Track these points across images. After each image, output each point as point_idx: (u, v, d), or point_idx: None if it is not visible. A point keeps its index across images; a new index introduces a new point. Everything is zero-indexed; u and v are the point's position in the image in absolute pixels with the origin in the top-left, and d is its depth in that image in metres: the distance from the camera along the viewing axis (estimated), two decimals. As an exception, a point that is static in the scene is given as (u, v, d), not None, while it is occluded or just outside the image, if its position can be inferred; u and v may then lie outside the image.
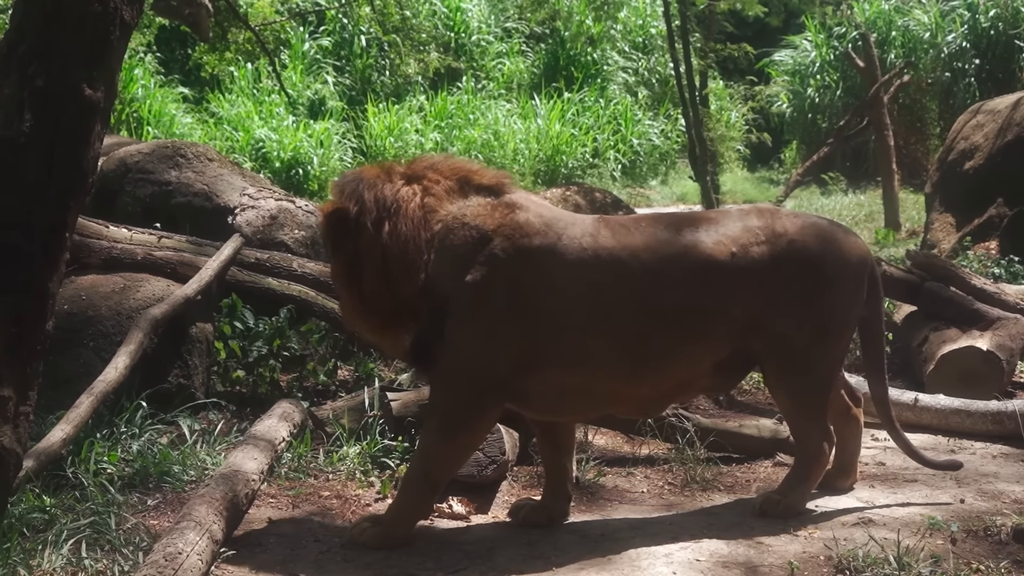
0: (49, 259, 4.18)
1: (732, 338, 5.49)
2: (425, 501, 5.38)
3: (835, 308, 5.61)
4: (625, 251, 5.36)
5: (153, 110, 21.11)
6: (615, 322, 5.33)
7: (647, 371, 5.42)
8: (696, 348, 5.48)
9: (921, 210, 15.49)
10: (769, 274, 5.47)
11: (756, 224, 5.57)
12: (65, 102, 4.09)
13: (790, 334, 5.50)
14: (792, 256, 5.51)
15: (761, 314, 5.48)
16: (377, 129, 21.88)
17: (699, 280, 5.41)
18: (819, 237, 5.61)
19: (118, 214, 8.78)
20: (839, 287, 5.62)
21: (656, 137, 23.97)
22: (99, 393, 6.09)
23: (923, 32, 23.21)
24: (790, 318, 5.50)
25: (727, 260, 5.43)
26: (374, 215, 5.34)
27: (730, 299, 5.44)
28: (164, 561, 4.51)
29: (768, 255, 5.49)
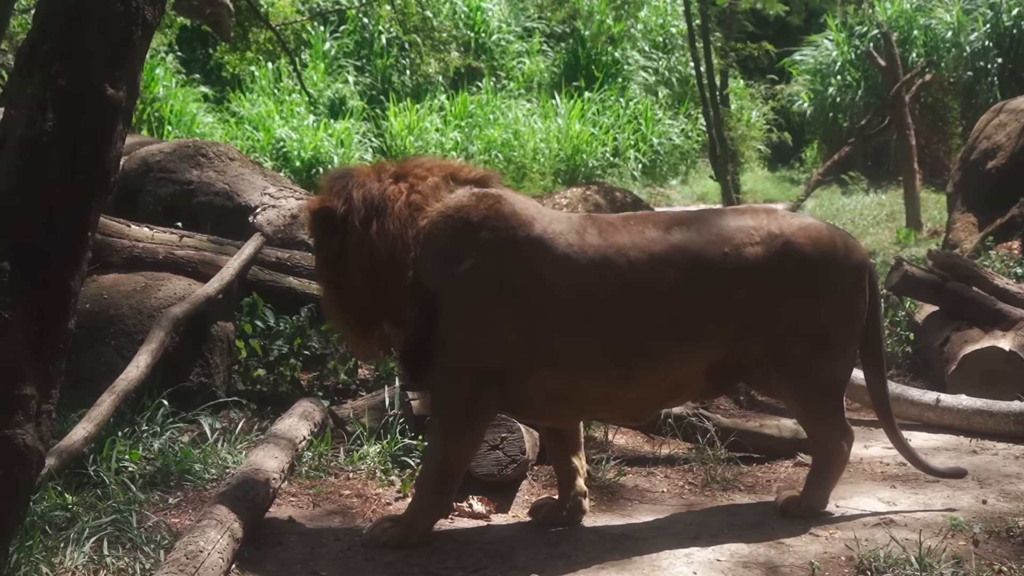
0: (71, 258, 4.19)
1: (726, 341, 5.42)
2: (440, 499, 5.37)
3: (835, 311, 5.51)
4: (611, 249, 5.30)
5: (174, 109, 21.15)
6: (602, 322, 5.27)
7: (636, 374, 5.36)
8: (687, 351, 5.41)
9: (943, 210, 15.43)
10: (764, 275, 5.38)
11: (751, 224, 5.48)
12: (87, 101, 4.11)
13: (788, 337, 5.42)
14: (788, 257, 5.41)
15: (756, 317, 5.39)
16: (397, 128, 21.88)
17: (689, 280, 5.33)
18: (815, 239, 5.49)
19: (140, 213, 8.80)
20: (838, 289, 5.52)
21: (676, 136, 23.93)
22: (121, 392, 6.11)
23: (945, 31, 23.11)
24: (787, 321, 5.41)
25: (719, 260, 5.36)
26: (362, 214, 5.36)
27: (722, 300, 5.37)
28: (185, 559, 4.53)
29: (763, 256, 5.39)
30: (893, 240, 15.39)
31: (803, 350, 5.45)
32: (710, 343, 5.41)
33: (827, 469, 5.65)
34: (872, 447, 6.75)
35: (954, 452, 6.66)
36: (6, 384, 4.07)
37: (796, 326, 5.43)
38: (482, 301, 5.23)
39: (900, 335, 8.68)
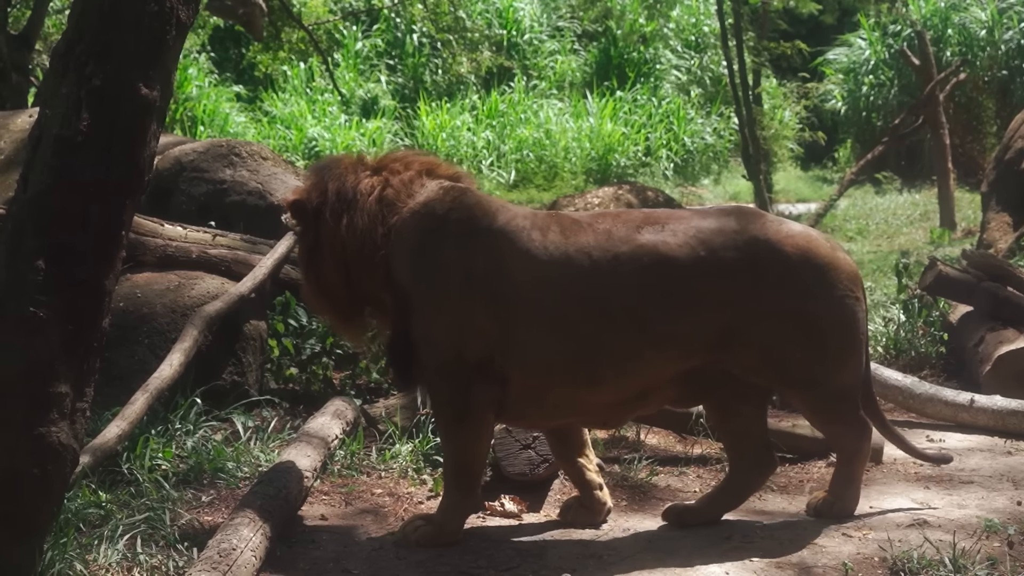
0: (105, 257, 4.22)
1: (705, 348, 5.20)
2: (463, 497, 5.35)
3: (830, 319, 5.25)
4: (573, 247, 5.18)
5: (207, 109, 21.26)
6: (564, 321, 5.16)
7: (602, 376, 5.21)
8: (655, 355, 5.20)
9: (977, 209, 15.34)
10: (747, 281, 5.16)
11: (733, 227, 5.25)
12: (122, 101, 4.13)
13: (785, 346, 5.23)
14: (773, 263, 5.20)
15: (742, 324, 5.17)
16: (429, 128, 21.92)
17: (658, 282, 5.15)
18: (802, 246, 5.26)
19: (173, 212, 8.82)
20: (830, 297, 5.25)
21: (709, 136, 23.87)
22: (154, 390, 6.14)
23: (980, 29, 22.98)
24: (780, 330, 5.21)
25: (693, 262, 5.16)
26: (334, 207, 5.38)
27: (696, 305, 5.17)
28: (218, 557, 4.54)
29: (744, 261, 5.18)
30: (927, 240, 15.32)
31: (803, 359, 5.26)
32: (684, 348, 5.20)
33: (851, 468, 5.57)
34: (906, 448, 6.71)
35: (988, 453, 6.62)
36: (41, 382, 4.10)
37: (790, 335, 5.22)
38: (451, 294, 5.21)
39: (934, 335, 8.64)
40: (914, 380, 7.48)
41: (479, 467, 5.46)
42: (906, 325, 8.87)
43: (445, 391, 5.29)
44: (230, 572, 4.47)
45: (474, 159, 21.80)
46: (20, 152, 8.19)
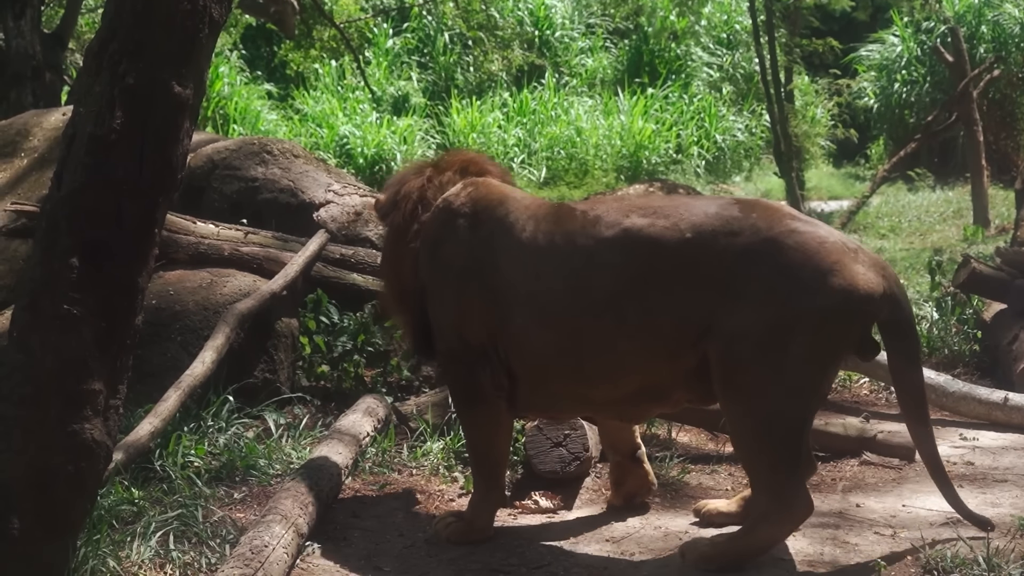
0: (138, 254, 4.24)
1: (689, 342, 4.86)
2: (490, 487, 5.39)
3: (802, 339, 4.71)
4: (559, 234, 5.13)
5: (239, 107, 21.32)
6: (548, 310, 5.10)
7: (591, 370, 5.11)
8: (636, 347, 4.97)
9: (1011, 206, 15.26)
10: (732, 272, 4.79)
11: (735, 214, 4.90)
12: (155, 99, 4.14)
13: (741, 342, 4.75)
14: (765, 259, 4.77)
15: (716, 315, 4.80)
16: (460, 125, 21.92)
17: (639, 268, 4.93)
18: (804, 248, 4.76)
19: (205, 210, 8.86)
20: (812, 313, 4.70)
21: (740, 133, 23.79)
22: (186, 387, 6.17)
23: (1014, 26, 22.82)
24: (745, 325, 4.74)
25: (677, 247, 4.87)
26: (387, 208, 5.70)
27: (679, 294, 4.88)
28: (250, 554, 4.56)
29: (736, 250, 4.81)
30: (960, 237, 15.24)
31: (759, 364, 4.76)
32: (665, 341, 4.91)
33: (752, 528, 4.92)
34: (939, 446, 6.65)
35: (1022, 451, 6.58)
36: (74, 379, 4.12)
37: (757, 335, 4.74)
38: (452, 284, 5.36)
39: (967, 333, 8.60)
40: (947, 378, 7.45)
41: (498, 456, 5.47)
42: (939, 323, 8.83)
43: (452, 382, 5.57)
44: (262, 569, 4.48)
45: (505, 157, 21.77)
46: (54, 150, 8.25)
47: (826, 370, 4.90)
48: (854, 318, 4.80)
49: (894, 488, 5.98)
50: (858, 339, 4.91)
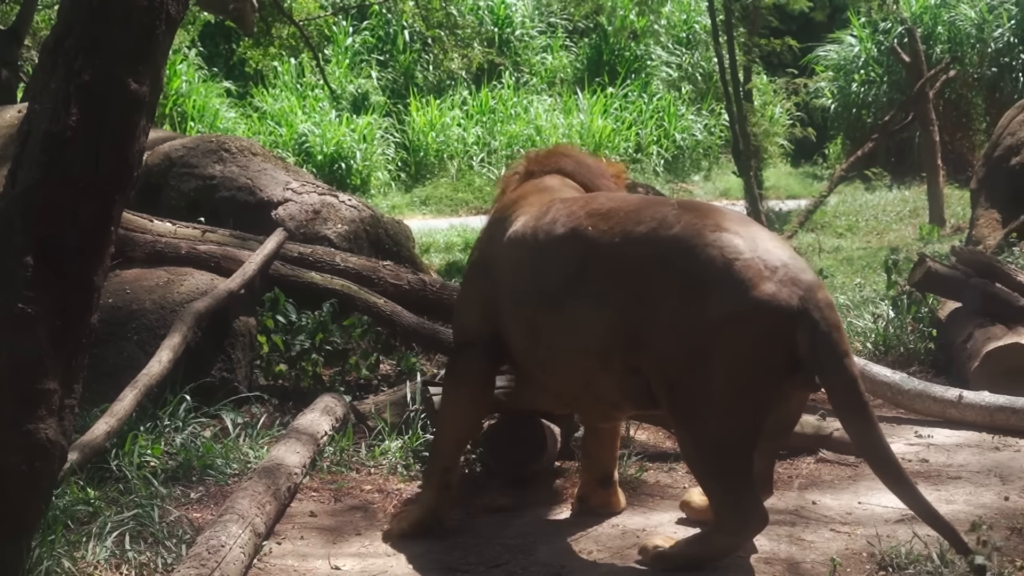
0: (94, 252, 4.21)
1: (619, 346, 4.82)
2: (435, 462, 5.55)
3: (723, 351, 4.58)
4: (531, 229, 5.29)
5: (197, 105, 21.23)
6: (519, 306, 5.27)
7: (548, 364, 5.20)
8: (572, 345, 5.00)
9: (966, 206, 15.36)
10: (652, 279, 4.75)
11: (668, 219, 4.81)
12: (111, 96, 4.12)
13: (669, 362, 4.69)
14: (684, 265, 4.69)
15: (641, 326, 4.74)
16: (420, 124, 21.90)
17: (578, 266, 4.97)
18: (718, 263, 4.62)
19: (162, 208, 8.83)
20: (732, 325, 4.56)
21: (699, 132, 23.85)
22: (143, 386, 6.14)
23: (969, 27, 23.00)
24: (668, 345, 4.67)
25: (609, 249, 4.89)
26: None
27: (603, 295, 4.87)
28: (207, 554, 4.54)
29: (656, 256, 4.76)
30: (916, 236, 15.34)
31: (688, 386, 4.67)
32: (596, 343, 4.89)
33: (708, 536, 4.90)
34: (894, 443, 6.67)
35: (976, 449, 6.63)
36: (29, 379, 4.09)
37: (679, 353, 4.66)
38: (468, 275, 5.82)
39: (923, 332, 8.66)
40: (903, 376, 7.49)
41: (453, 436, 5.57)
42: (895, 321, 8.88)
43: (451, 359, 5.95)
44: (218, 569, 4.47)
45: (464, 155, 21.77)
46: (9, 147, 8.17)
47: (754, 392, 4.63)
48: (761, 336, 4.57)
49: (850, 485, 6.02)
50: (782, 360, 4.60)
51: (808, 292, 4.59)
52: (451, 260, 13.99)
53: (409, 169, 21.66)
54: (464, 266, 5.82)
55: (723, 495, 4.72)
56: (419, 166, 21.66)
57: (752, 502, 4.71)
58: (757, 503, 4.74)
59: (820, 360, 4.58)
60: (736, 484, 4.69)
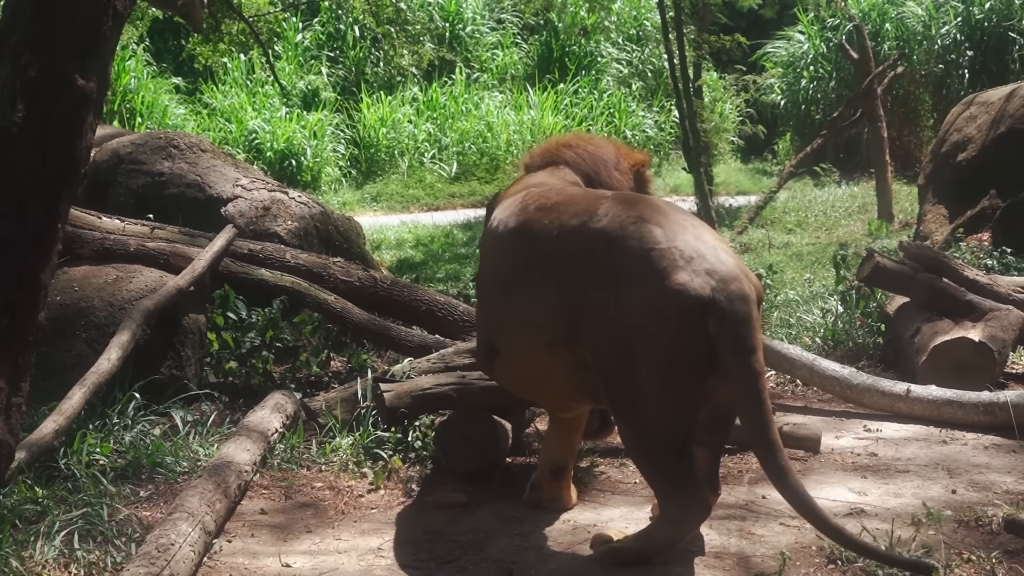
0: (41, 250, 4.18)
1: (561, 337, 4.88)
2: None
3: (643, 342, 4.60)
4: (496, 221, 5.47)
5: (146, 101, 21.10)
6: (485, 290, 5.58)
7: (508, 354, 5.33)
8: (521, 334, 5.14)
9: (914, 201, 15.48)
10: (579, 273, 4.82)
11: (595, 212, 4.87)
12: (58, 92, 4.09)
13: (600, 354, 4.74)
14: (605, 256, 4.75)
15: (577, 318, 4.81)
16: (370, 120, 21.86)
17: (524, 257, 5.12)
18: (635, 253, 4.67)
19: (111, 205, 8.77)
20: (650, 315, 4.57)
21: (650, 128, 23.93)
22: (91, 384, 6.09)
23: (917, 24, 23.19)
24: (598, 335, 4.73)
25: (547, 241, 4.99)
26: None
27: (544, 287, 4.96)
28: (156, 552, 4.52)
29: (582, 248, 4.84)
30: (865, 232, 15.44)
31: (619, 377, 4.72)
32: (540, 334, 4.98)
33: (654, 529, 4.93)
34: (843, 437, 6.77)
35: (924, 443, 6.69)
36: (-25, 377, 4.06)
37: (609, 345, 4.71)
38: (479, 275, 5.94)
39: (871, 326, 8.72)
40: (852, 371, 7.54)
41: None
42: (844, 316, 8.94)
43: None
44: (168, 567, 4.44)
45: (415, 152, 21.74)
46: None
47: (678, 382, 4.63)
48: (676, 325, 4.56)
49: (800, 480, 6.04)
50: (701, 350, 4.58)
51: (721, 283, 4.59)
52: (402, 257, 13.97)
53: (360, 166, 21.61)
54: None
55: (663, 485, 4.77)
56: (370, 163, 21.62)
57: (692, 491, 4.72)
58: (698, 493, 4.75)
59: (726, 351, 4.56)
60: (674, 474, 4.71)
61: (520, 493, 5.76)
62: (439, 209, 19.46)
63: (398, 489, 5.98)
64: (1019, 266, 10.21)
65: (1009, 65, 21.44)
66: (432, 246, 15.01)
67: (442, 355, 6.98)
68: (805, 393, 7.82)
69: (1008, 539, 5.04)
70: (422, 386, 6.36)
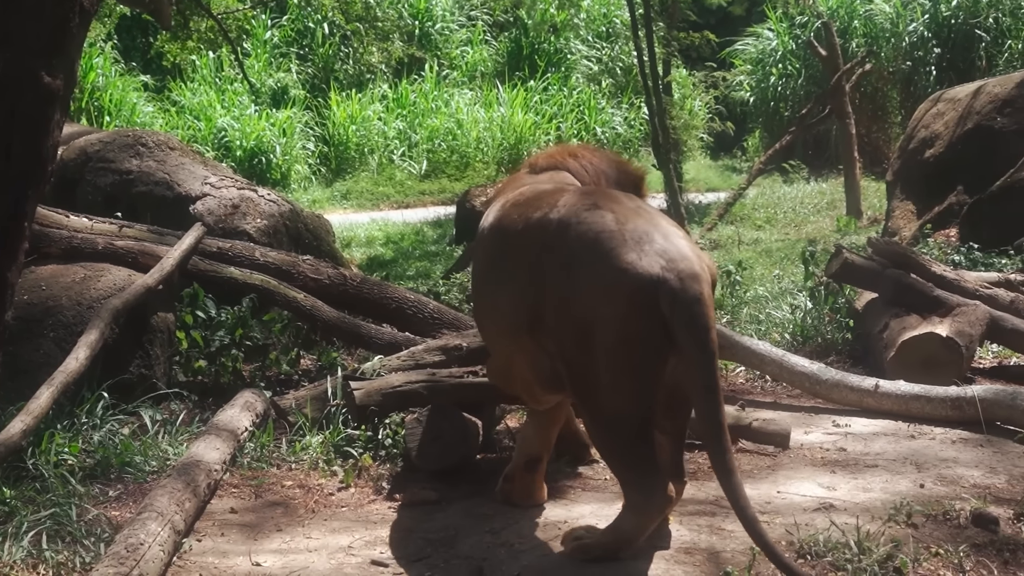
0: (8, 249, 4.16)
1: (527, 327, 4.96)
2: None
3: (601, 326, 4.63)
4: (483, 223, 5.56)
5: (114, 99, 21.03)
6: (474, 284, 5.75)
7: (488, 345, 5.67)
8: (494, 324, 5.36)
9: (882, 198, 15.56)
10: (539, 262, 4.89)
11: (561, 203, 4.95)
12: (23, 89, 4.07)
13: (560, 342, 4.82)
14: (562, 244, 4.81)
15: (537, 307, 4.88)
16: (340, 118, 21.84)
17: (497, 251, 5.28)
18: (587, 238, 4.74)
19: (79, 203, 8.73)
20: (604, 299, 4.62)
21: (619, 125, 23.98)
22: (59, 384, 6.06)
23: (885, 21, 23.31)
24: (557, 322, 4.79)
25: (516, 231, 5.11)
26: None
27: (511, 278, 5.09)
28: (126, 552, 4.50)
29: (542, 236, 4.91)
30: (833, 228, 15.51)
31: (577, 363, 4.78)
32: (510, 323, 5.10)
33: (619, 521, 4.89)
34: (812, 433, 6.80)
35: (893, 437, 6.72)
36: (-59, 376, 4.04)
37: (567, 332, 4.76)
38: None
39: (840, 322, 8.76)
40: (820, 366, 7.57)
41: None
42: (813, 312, 8.98)
43: None
44: (137, 567, 4.43)
45: (385, 149, 21.73)
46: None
47: (634, 364, 4.65)
48: (627, 306, 4.60)
49: (769, 475, 6.07)
50: (655, 331, 4.59)
51: (671, 262, 4.62)
52: (372, 254, 13.96)
53: (329, 163, 21.59)
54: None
55: (624, 472, 4.83)
56: (339, 160, 21.60)
57: (654, 479, 4.74)
58: (659, 480, 4.76)
59: (679, 330, 4.56)
60: (636, 460, 4.75)
61: (491, 491, 5.76)
62: (409, 207, 19.46)
63: (368, 487, 5.98)
64: (986, 262, 10.28)
65: (976, 62, 21.59)
66: (402, 244, 15.01)
67: (412, 353, 6.98)
68: (774, 389, 7.85)
69: (976, 532, 5.07)
70: (392, 384, 6.36)
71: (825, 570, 4.72)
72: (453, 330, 7.70)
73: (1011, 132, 12.00)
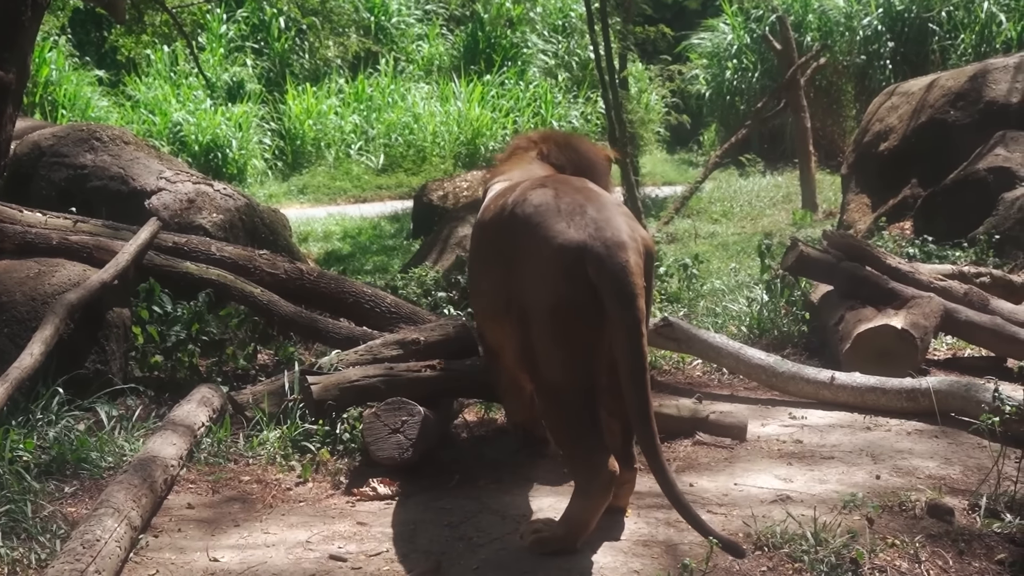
0: (-40, 244, 4.13)
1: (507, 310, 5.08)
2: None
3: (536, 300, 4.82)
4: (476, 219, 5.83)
5: (68, 93, 20.89)
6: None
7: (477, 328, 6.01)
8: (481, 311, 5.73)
9: (838, 191, 15.67)
10: (501, 244, 5.14)
11: (514, 190, 5.24)
12: (-25, 84, 4.04)
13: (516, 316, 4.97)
14: (511, 224, 5.04)
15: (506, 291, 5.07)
16: (296, 112, 21.78)
17: (476, 241, 5.67)
18: (524, 214, 4.96)
19: (32, 198, 8.67)
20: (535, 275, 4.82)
21: (576, 119, 24.01)
22: (14, 380, 6.01)
23: (839, 15, 23.46)
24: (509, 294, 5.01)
25: (487, 226, 5.46)
26: None
27: (485, 266, 5.42)
28: (82, 548, 4.47)
29: (501, 224, 5.17)
30: (789, 221, 15.61)
31: (527, 338, 4.91)
32: (492, 308, 5.35)
33: (570, 507, 4.90)
34: (769, 425, 6.83)
35: (848, 429, 6.76)
36: None
37: (518, 307, 4.94)
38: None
39: (796, 315, 8.81)
40: (777, 359, 7.61)
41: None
42: (769, 305, 9.03)
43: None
44: (94, 563, 4.40)
45: (342, 143, 21.68)
46: None
47: (568, 334, 4.76)
48: (555, 274, 4.74)
49: (726, 467, 6.10)
50: (585, 300, 4.69)
51: (599, 231, 4.76)
52: (329, 249, 13.93)
53: (286, 158, 21.53)
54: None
55: (569, 449, 4.93)
56: (296, 155, 21.55)
57: (599, 456, 4.79)
58: (604, 458, 4.80)
59: (605, 298, 4.66)
60: (579, 437, 4.83)
61: (448, 484, 5.76)
62: (366, 201, 19.43)
63: (326, 482, 5.96)
64: (940, 254, 10.37)
65: (929, 56, 21.75)
66: (360, 238, 14.98)
67: (370, 347, 6.98)
68: (731, 381, 7.88)
69: (931, 523, 5.11)
70: (350, 378, 6.36)
71: (782, 561, 4.74)
72: (411, 324, 7.69)
73: (964, 125, 12.11)
